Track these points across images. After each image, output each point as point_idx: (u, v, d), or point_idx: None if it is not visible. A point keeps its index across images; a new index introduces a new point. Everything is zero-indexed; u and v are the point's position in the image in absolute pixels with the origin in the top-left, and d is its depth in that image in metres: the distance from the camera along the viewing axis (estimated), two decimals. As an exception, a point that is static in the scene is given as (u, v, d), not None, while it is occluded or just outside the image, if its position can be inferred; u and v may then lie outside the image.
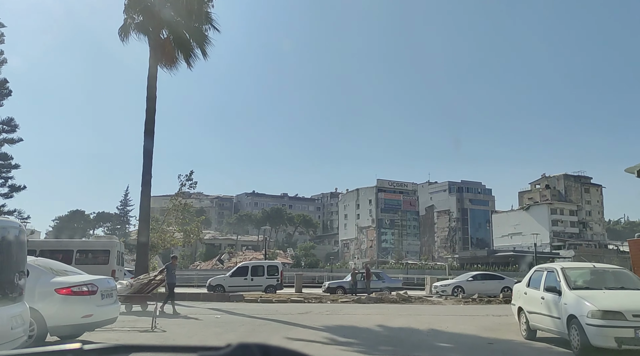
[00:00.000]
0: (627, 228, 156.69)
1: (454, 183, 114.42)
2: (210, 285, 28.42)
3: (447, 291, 30.07)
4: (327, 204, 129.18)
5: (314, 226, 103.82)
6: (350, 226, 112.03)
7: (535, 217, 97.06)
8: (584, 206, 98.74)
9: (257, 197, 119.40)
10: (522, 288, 12.67)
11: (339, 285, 29.29)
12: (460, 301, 23.75)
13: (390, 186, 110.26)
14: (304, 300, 22.19)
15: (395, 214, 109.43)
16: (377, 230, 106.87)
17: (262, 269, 28.88)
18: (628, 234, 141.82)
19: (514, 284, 30.94)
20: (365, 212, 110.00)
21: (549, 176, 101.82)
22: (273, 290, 28.13)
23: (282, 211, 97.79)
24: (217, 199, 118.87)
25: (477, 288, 30.17)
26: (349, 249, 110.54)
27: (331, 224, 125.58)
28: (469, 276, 30.78)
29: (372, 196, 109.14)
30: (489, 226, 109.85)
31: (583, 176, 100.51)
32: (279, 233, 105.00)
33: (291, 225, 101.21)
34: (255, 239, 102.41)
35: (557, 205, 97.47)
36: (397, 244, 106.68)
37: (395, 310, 19.05)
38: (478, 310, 19.38)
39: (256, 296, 22.83)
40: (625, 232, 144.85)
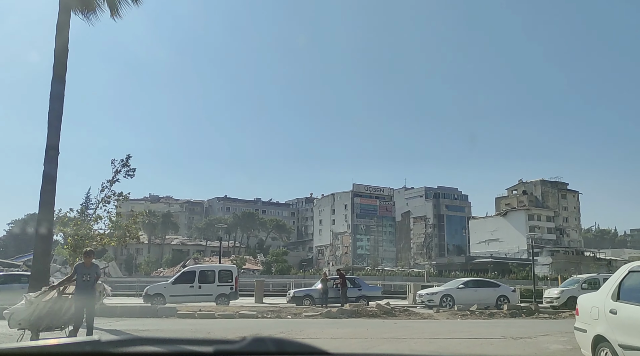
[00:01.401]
0: (598, 236, 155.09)
1: (430, 189, 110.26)
2: (147, 295, 22.49)
3: (434, 300, 24.78)
4: (302, 209, 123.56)
5: (287, 231, 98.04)
6: (325, 232, 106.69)
7: (513, 223, 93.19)
8: (560, 212, 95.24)
9: (229, 202, 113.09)
10: (601, 301, 7.26)
11: (306, 294, 23.70)
12: (456, 314, 18.39)
13: (366, 190, 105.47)
14: (256, 314, 16.54)
15: (371, 219, 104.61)
16: (352, 236, 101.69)
17: (213, 274, 23.10)
18: (599, 243, 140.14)
19: (510, 293, 25.82)
20: (341, 217, 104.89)
21: (526, 182, 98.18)
22: (225, 300, 22.42)
23: (254, 216, 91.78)
24: (188, 203, 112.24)
25: (469, 296, 24.98)
26: (324, 256, 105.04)
27: (306, 230, 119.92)
28: (459, 283, 25.55)
29: (348, 201, 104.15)
30: (465, 233, 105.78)
31: (560, 182, 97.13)
32: (251, 239, 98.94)
33: (264, 230, 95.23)
34: (226, 244, 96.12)
35: (534, 211, 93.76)
36: (372, 251, 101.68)
37: (377, 328, 13.62)
38: (486, 328, 14.09)
39: (195, 309, 17.10)
40: (596, 240, 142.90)
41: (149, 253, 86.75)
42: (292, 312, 17.43)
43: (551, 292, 26.56)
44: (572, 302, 26.36)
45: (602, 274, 26.91)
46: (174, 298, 22.45)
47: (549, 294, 26.55)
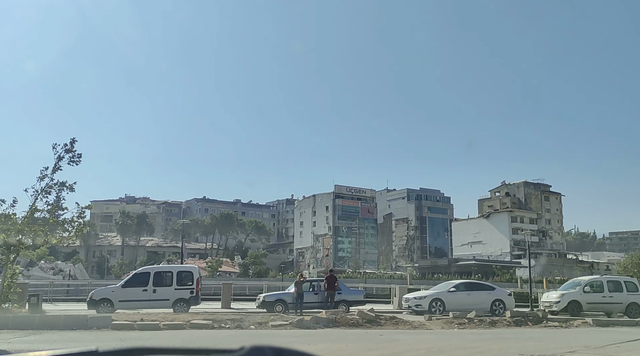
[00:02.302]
0: (578, 239, 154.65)
1: (412, 191, 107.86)
2: (92, 300, 19.09)
3: (422, 305, 21.85)
4: (283, 211, 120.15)
5: (267, 233, 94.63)
6: (306, 234, 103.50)
7: (496, 225, 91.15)
8: (543, 215, 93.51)
9: (207, 203, 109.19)
10: None
11: (278, 299, 20.53)
12: (452, 322, 15.41)
13: (348, 192, 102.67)
14: (211, 325, 13.36)
15: (353, 221, 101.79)
16: (333, 238, 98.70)
17: (170, 277, 19.80)
18: (579, 246, 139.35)
19: (506, 297, 22.97)
20: (322, 219, 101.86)
21: (509, 184, 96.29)
22: (185, 306, 19.17)
23: (232, 217, 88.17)
24: (165, 204, 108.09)
25: (462, 301, 22.10)
26: (304, 258, 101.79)
27: (286, 232, 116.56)
28: (450, 286, 22.66)
29: (330, 203, 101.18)
30: (448, 235, 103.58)
31: (543, 184, 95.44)
32: (230, 241, 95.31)
33: (243, 232, 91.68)
34: (204, 246, 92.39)
35: (517, 213, 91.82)
36: (354, 253, 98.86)
37: (359, 342, 10.59)
38: (494, 342, 11.15)
39: (136, 318, 13.84)
40: (576, 243, 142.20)
41: (122, 255, 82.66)
42: (257, 321, 14.29)
43: (550, 296, 23.85)
44: (574, 307, 23.65)
45: (606, 276, 24.32)
46: (124, 303, 19.15)
47: (547, 298, 23.83)
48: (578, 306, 22.81)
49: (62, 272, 55.47)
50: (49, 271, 55.02)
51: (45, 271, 54.58)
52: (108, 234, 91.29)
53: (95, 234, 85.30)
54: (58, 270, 56.47)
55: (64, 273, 54.85)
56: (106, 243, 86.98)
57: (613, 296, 23.07)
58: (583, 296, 22.99)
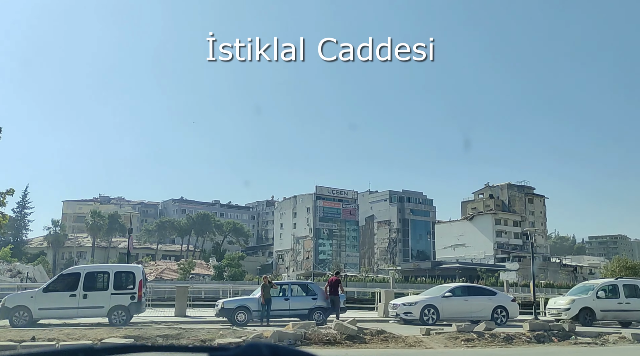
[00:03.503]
0: (558, 243, 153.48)
1: (395, 192, 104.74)
2: (5, 308, 15.02)
3: (413, 313, 18.27)
4: (263, 213, 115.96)
5: (245, 235, 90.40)
6: (286, 236, 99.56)
7: (479, 228, 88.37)
8: (527, 217, 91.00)
9: (185, 203, 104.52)
10: None
11: (240, 305, 16.64)
12: (457, 338, 11.72)
13: (329, 193, 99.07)
14: (133, 343, 9.49)
15: (335, 223, 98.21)
16: (314, 240, 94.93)
17: (106, 278, 15.79)
18: (559, 249, 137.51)
19: (510, 303, 19.31)
20: (303, 221, 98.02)
21: (492, 186, 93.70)
22: (124, 315, 15.21)
23: (209, 218, 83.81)
24: (140, 205, 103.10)
25: (459, 308, 18.58)
26: (284, 261, 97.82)
27: (266, 234, 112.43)
28: (444, 291, 19.08)
29: (310, 204, 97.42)
30: (430, 238, 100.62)
31: (527, 186, 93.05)
32: (207, 242, 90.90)
33: (220, 234, 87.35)
34: (179, 248, 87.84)
35: (501, 215, 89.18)
36: (335, 256, 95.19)
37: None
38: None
39: (27, 335, 9.87)
40: (556, 247, 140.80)
41: (92, 257, 77.71)
42: (200, 338, 10.46)
43: (557, 302, 20.45)
44: (586, 315, 20.25)
45: (621, 279, 20.98)
46: (46, 312, 15.15)
47: (555, 304, 20.43)
48: (591, 314, 19.44)
49: (20, 274, 50.85)
50: (6, 273, 50.40)
51: (2, 273, 50.01)
52: (78, 235, 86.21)
53: (64, 235, 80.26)
54: (16, 272, 51.77)
55: (22, 275, 50.25)
56: (76, 244, 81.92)
57: (630, 303, 19.75)
58: (596, 302, 19.63)
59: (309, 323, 12.30)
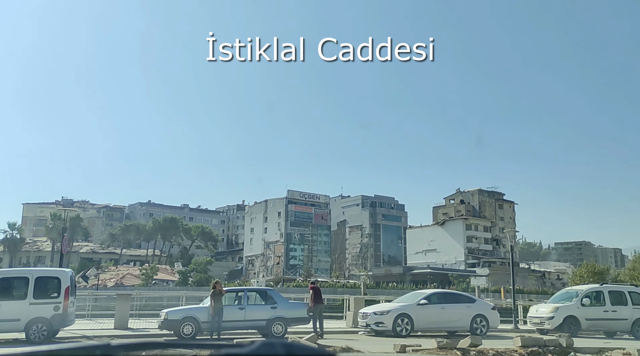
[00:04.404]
0: (525, 249, 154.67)
1: (367, 197, 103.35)
2: None
3: (385, 323, 16.28)
4: (233, 217, 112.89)
5: (214, 239, 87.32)
6: (257, 241, 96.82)
7: (450, 233, 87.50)
8: (497, 223, 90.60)
9: (152, 207, 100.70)
10: None
11: (186, 316, 14.29)
12: None
13: (301, 197, 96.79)
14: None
15: (306, 228, 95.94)
16: (285, 245, 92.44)
17: (24, 285, 13.25)
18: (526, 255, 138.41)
19: (490, 311, 17.15)
20: (274, 225, 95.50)
21: (463, 191, 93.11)
22: (44, 329, 12.72)
23: (177, 222, 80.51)
24: (106, 208, 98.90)
25: (435, 317, 16.67)
26: (254, 266, 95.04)
27: (236, 239, 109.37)
28: (419, 298, 17.12)
29: (282, 208, 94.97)
30: (402, 243, 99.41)
31: (497, 192, 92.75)
32: (174, 247, 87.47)
33: (188, 238, 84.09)
34: (145, 253, 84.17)
35: (472, 221, 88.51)
36: (306, 261, 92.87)
37: None
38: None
39: None
40: (523, 252, 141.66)
41: (51, 261, 73.56)
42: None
43: (540, 310, 18.74)
44: (570, 324, 18.59)
45: (606, 285, 19.42)
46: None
47: (537, 312, 18.71)
48: (576, 323, 17.77)
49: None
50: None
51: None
52: (38, 239, 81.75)
53: (22, 239, 75.87)
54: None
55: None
56: (34, 249, 77.53)
57: (616, 311, 18.19)
58: (581, 310, 17.98)
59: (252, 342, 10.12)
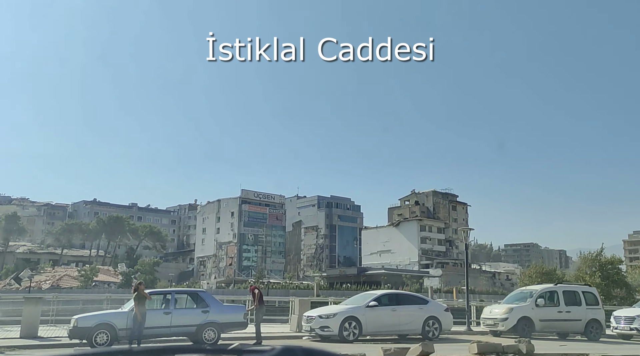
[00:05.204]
0: (477, 250, 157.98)
1: (323, 198, 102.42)
2: None
3: (330, 327, 14.89)
4: (185, 217, 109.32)
5: (163, 239, 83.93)
6: (209, 242, 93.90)
7: (405, 234, 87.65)
8: (451, 224, 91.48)
9: (98, 206, 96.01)
10: None
11: (100, 322, 12.38)
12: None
13: (255, 197, 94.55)
14: None
15: (260, 228, 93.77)
16: (238, 246, 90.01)
17: None
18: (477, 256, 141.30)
19: (442, 313, 15.98)
20: (227, 226, 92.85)
21: (418, 192, 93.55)
22: None
23: (123, 221, 76.77)
24: (47, 206, 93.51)
25: (385, 319, 15.43)
26: (206, 268, 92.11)
27: (188, 239, 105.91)
28: (369, 299, 15.81)
29: (235, 208, 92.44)
30: (357, 244, 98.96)
31: (450, 194, 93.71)
32: (121, 247, 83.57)
33: (135, 238, 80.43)
34: (88, 253, 79.92)
35: (426, 222, 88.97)
36: (260, 262, 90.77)
37: None
38: None
39: None
40: (475, 253, 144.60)
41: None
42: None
43: (493, 311, 17.83)
44: (524, 325, 17.76)
45: (561, 285, 18.75)
46: None
47: (490, 314, 17.79)
48: (530, 324, 16.94)
49: None
50: None
51: None
52: (-31, 239, 76.10)
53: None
54: None
55: None
56: None
57: (571, 312, 17.50)
58: (536, 311, 17.17)
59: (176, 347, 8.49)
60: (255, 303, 14.23)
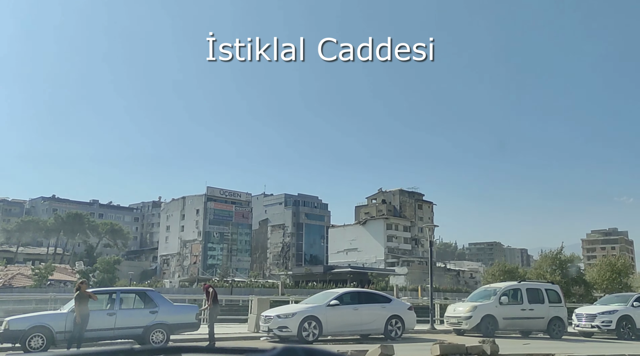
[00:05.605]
0: (442, 249, 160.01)
1: (290, 196, 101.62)
2: None
3: (289, 327, 14.19)
4: (148, 214, 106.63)
5: (124, 237, 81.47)
6: (173, 240, 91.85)
7: (372, 232, 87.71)
8: (417, 223, 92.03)
9: (57, 202, 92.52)
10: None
11: (35, 325, 11.19)
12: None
13: (221, 195, 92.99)
14: None
15: (226, 226, 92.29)
16: (203, 244, 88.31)
17: None
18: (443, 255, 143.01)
19: (406, 312, 15.48)
20: (191, 224, 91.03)
21: (385, 191, 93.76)
22: None
23: (82, 218, 74.07)
24: (2, 202, 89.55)
25: (347, 319, 14.84)
26: (170, 266, 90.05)
27: (151, 237, 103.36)
28: (330, 298, 15.18)
29: (201, 206, 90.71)
30: (324, 242, 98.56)
31: (417, 193, 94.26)
32: (81, 245, 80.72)
33: (95, 236, 77.76)
34: (45, 251, 76.85)
35: (392, 220, 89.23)
36: (225, 261, 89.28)
37: None
38: None
39: None
40: (440, 252, 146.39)
41: None
42: None
43: (457, 309, 17.48)
44: (488, 324, 17.49)
45: (524, 283, 18.53)
46: None
47: (454, 312, 17.44)
48: (493, 322, 16.64)
49: None
50: None
51: None
52: None
53: None
54: None
55: None
56: None
57: (534, 309, 17.29)
58: (499, 309, 16.90)
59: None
60: (209, 302, 13.42)
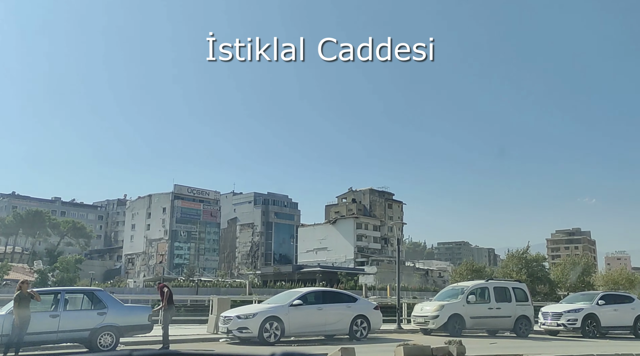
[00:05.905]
0: (411, 248, 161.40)
1: (260, 195, 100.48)
2: None
3: (249, 328, 13.51)
4: (113, 212, 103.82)
5: (87, 236, 78.98)
6: (138, 239, 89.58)
7: (342, 231, 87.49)
8: (386, 222, 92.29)
9: (17, 199, 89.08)
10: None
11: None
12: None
13: (189, 193, 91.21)
14: None
15: (194, 225, 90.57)
16: (169, 243, 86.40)
17: None
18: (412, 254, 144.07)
19: (371, 311, 15.02)
20: (158, 222, 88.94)
21: (355, 190, 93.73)
22: None
23: (43, 216, 71.41)
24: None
25: (310, 319, 14.26)
26: (135, 265, 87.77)
27: (116, 236, 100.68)
28: (293, 298, 14.56)
29: (167, 204, 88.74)
30: (293, 242, 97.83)
31: (387, 192, 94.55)
32: (42, 244, 77.80)
33: (57, 234, 75.08)
34: (3, 249, 73.79)
35: (362, 220, 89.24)
36: (193, 260, 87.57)
37: None
38: None
39: None
40: (409, 251, 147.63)
41: None
42: None
43: (424, 308, 17.11)
44: (455, 323, 17.19)
45: (492, 281, 18.33)
46: None
47: (421, 311, 17.07)
48: (461, 322, 16.35)
49: None
50: None
51: None
52: None
53: None
54: None
55: None
56: None
57: (501, 308, 17.08)
58: (466, 308, 16.61)
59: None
60: (164, 302, 12.63)
